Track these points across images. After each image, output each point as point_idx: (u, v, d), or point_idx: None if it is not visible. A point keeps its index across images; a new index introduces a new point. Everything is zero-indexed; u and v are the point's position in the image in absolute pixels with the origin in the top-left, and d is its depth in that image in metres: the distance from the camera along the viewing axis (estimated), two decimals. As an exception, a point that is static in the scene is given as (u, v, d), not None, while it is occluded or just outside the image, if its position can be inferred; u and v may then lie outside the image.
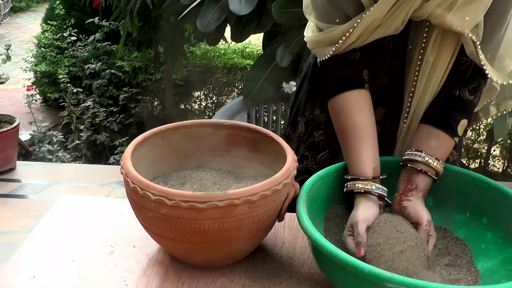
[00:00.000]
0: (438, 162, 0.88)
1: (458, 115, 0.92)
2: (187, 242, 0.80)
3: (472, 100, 0.93)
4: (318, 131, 1.11)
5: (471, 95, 0.92)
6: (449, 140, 0.91)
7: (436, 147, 0.90)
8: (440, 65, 0.92)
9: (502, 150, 3.86)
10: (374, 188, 0.86)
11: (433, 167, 0.88)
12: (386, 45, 0.96)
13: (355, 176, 0.88)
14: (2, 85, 4.37)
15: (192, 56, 4.61)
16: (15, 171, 2.85)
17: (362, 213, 0.84)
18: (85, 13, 4.38)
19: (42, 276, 0.84)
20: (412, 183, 0.88)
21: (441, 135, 0.91)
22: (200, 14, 2.11)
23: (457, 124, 0.91)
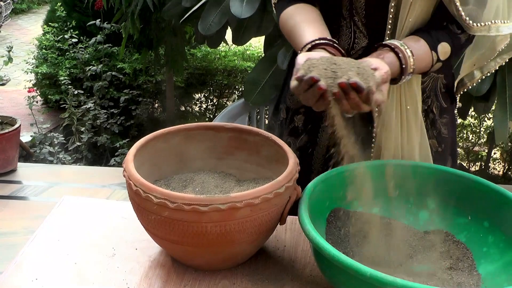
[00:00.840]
0: (411, 53, 0.86)
1: (441, 36, 0.90)
2: (189, 245, 0.80)
3: (459, 34, 0.91)
4: (297, 115, 1.11)
5: (458, 29, 0.91)
6: (427, 50, 0.89)
7: (416, 47, 0.87)
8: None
9: (503, 153, 3.86)
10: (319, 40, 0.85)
11: (403, 50, 0.85)
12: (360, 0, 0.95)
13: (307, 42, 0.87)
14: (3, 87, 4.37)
15: (192, 58, 4.62)
16: (16, 172, 2.85)
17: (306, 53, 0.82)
18: (86, 15, 4.39)
19: (44, 278, 0.84)
20: (380, 53, 0.86)
21: (421, 41, 0.89)
22: (202, 17, 2.11)
23: (438, 41, 0.89)
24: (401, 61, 0.86)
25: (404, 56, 0.86)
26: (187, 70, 4.50)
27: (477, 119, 4.04)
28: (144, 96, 4.29)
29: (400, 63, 0.86)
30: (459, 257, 0.86)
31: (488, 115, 3.46)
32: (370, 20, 0.96)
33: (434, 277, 0.80)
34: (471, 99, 2.26)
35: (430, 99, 1.03)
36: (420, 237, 0.90)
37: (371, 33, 0.97)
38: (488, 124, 4.03)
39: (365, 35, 0.98)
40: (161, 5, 2.73)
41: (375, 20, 0.95)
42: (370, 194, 0.92)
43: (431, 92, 1.02)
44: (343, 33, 1.00)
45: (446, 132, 1.06)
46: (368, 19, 0.96)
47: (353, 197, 0.92)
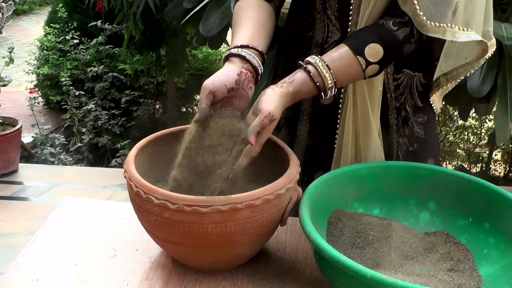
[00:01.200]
0: (326, 68, 0.84)
1: (370, 36, 0.87)
2: (189, 246, 0.80)
3: (394, 31, 0.87)
4: None
5: (394, 26, 0.87)
6: (351, 56, 0.86)
7: (335, 59, 0.86)
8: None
9: (504, 154, 3.86)
10: (235, 51, 0.86)
11: (318, 70, 0.84)
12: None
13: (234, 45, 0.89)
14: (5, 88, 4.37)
15: (194, 60, 4.63)
16: (17, 173, 2.86)
17: (211, 78, 0.83)
18: (88, 16, 4.40)
19: (45, 279, 0.84)
20: (291, 76, 0.85)
21: (343, 49, 0.87)
22: (203, 19, 2.11)
23: (365, 44, 0.87)
24: (314, 79, 0.84)
25: (318, 73, 0.84)
26: (188, 71, 4.51)
27: (478, 121, 4.04)
28: (145, 97, 4.30)
29: (313, 81, 0.84)
30: (459, 258, 0.86)
31: (489, 116, 3.46)
32: (342, 14, 0.96)
33: (435, 278, 0.80)
34: (472, 100, 2.26)
35: (403, 97, 1.01)
36: (421, 238, 0.90)
37: (343, 26, 0.97)
38: (489, 126, 4.03)
39: (338, 29, 0.97)
40: (162, 7, 2.74)
41: (347, 14, 0.95)
42: (371, 195, 0.92)
43: (405, 89, 1.01)
44: (317, 26, 1.00)
45: (422, 132, 1.05)
46: (340, 13, 0.96)
47: (354, 198, 0.93)
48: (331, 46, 0.98)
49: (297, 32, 1.04)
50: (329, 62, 0.85)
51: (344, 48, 0.87)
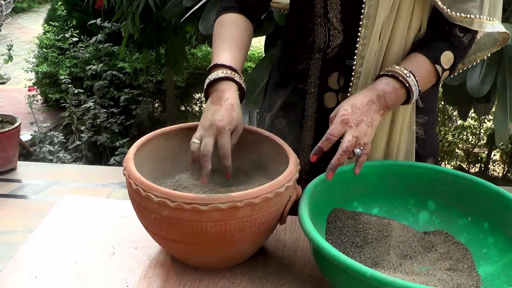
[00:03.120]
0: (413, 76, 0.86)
1: (442, 44, 0.89)
2: (189, 244, 0.80)
3: (462, 38, 0.90)
4: (278, 119, 1.10)
5: (460, 33, 0.90)
6: (429, 65, 0.88)
7: (415, 66, 0.87)
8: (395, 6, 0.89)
9: (503, 154, 3.86)
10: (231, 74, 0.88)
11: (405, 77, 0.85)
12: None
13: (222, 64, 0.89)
14: (4, 86, 4.37)
15: (193, 58, 4.62)
16: (15, 171, 2.85)
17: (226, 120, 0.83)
18: (87, 14, 4.39)
19: (43, 277, 0.84)
20: (372, 85, 0.87)
21: (420, 58, 0.88)
22: (202, 17, 2.11)
23: (440, 51, 0.89)
24: (408, 89, 0.86)
25: (407, 82, 0.86)
26: (188, 70, 4.51)
27: (477, 121, 4.04)
28: (144, 96, 4.30)
29: (407, 90, 0.86)
30: (458, 258, 0.86)
31: (488, 116, 3.46)
32: (346, 16, 0.95)
33: (434, 278, 0.80)
34: (472, 100, 2.26)
35: None
36: (420, 238, 0.90)
37: (346, 29, 0.96)
38: (488, 126, 4.04)
39: (340, 32, 0.97)
40: (162, 5, 2.73)
41: (351, 15, 0.94)
42: (370, 194, 0.92)
43: None
44: (318, 31, 0.99)
45: (422, 133, 1.05)
46: (344, 15, 0.95)
47: (353, 197, 0.92)
48: (334, 50, 0.98)
49: (298, 39, 1.04)
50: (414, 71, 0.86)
51: (421, 57, 0.89)
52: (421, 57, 0.89)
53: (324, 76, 1.01)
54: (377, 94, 0.85)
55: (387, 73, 0.87)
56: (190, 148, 0.82)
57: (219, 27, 0.99)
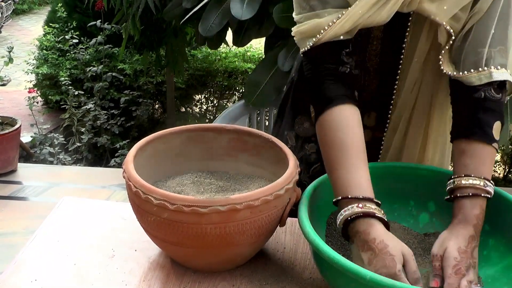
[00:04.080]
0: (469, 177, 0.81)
1: (489, 118, 0.84)
2: (188, 247, 0.80)
3: (500, 99, 0.85)
4: (309, 144, 1.10)
5: (497, 93, 0.84)
6: (489, 150, 0.83)
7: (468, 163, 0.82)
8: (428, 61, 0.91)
9: (503, 155, 3.86)
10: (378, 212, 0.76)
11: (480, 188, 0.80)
12: (374, 48, 0.95)
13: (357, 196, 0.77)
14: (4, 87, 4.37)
15: (193, 60, 4.62)
16: (16, 173, 2.85)
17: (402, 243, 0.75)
18: (87, 15, 4.39)
19: (43, 279, 0.84)
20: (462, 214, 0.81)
21: (478, 148, 0.83)
22: (202, 19, 2.11)
23: (491, 128, 0.83)
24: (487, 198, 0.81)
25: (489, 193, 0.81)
26: (188, 71, 4.51)
27: (478, 122, 4.03)
28: (145, 97, 4.29)
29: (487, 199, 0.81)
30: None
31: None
32: (383, 66, 0.96)
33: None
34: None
35: None
36: (420, 239, 0.89)
37: (382, 75, 0.97)
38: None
39: (376, 78, 0.98)
40: (162, 6, 2.74)
41: (388, 66, 0.96)
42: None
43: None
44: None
45: None
46: (382, 65, 0.96)
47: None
48: (371, 93, 0.98)
49: None
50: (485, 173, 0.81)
51: (478, 145, 0.83)
52: (482, 147, 0.83)
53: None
54: (473, 225, 0.79)
55: (468, 194, 0.80)
56: None
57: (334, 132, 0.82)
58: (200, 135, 0.99)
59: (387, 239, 0.74)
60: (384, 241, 0.73)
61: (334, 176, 0.81)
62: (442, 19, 0.84)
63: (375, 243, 0.73)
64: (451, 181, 0.84)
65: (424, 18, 0.88)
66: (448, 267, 0.76)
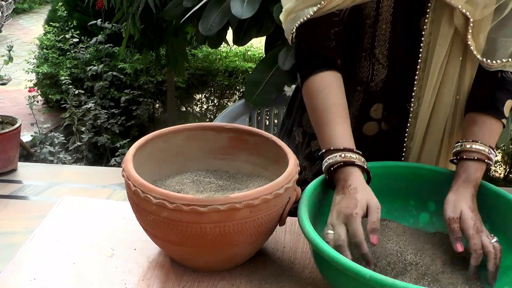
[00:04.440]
0: (476, 143, 0.87)
1: (503, 96, 0.91)
2: (188, 246, 0.80)
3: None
4: (314, 140, 1.10)
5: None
6: (495, 123, 0.90)
7: (476, 132, 0.89)
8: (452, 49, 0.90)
9: (504, 155, 3.85)
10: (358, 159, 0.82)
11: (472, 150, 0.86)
12: (383, 33, 0.94)
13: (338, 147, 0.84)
14: (4, 86, 4.38)
15: (193, 59, 4.62)
16: (16, 172, 2.85)
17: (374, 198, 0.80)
18: (88, 15, 4.40)
19: (42, 278, 0.83)
20: (455, 174, 0.87)
21: (488, 120, 0.90)
22: (202, 18, 2.11)
23: (503, 105, 0.90)
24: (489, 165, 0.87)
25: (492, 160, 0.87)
26: (188, 71, 4.50)
27: (478, 121, 4.02)
28: (145, 97, 4.29)
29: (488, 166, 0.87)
30: (459, 260, 0.86)
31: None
32: (393, 52, 0.95)
33: (434, 279, 0.79)
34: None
35: None
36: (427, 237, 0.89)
37: (391, 64, 0.96)
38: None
39: (385, 67, 0.97)
40: (162, 6, 2.73)
41: (398, 52, 0.95)
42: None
43: None
44: (362, 65, 0.98)
45: None
46: (391, 51, 0.95)
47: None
48: (378, 85, 0.98)
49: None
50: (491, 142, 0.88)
51: (488, 119, 0.90)
52: (492, 120, 0.90)
53: (365, 107, 1.02)
54: (473, 185, 0.86)
55: (473, 158, 0.87)
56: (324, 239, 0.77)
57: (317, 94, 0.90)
58: (200, 134, 0.99)
59: (360, 187, 0.80)
60: (356, 188, 0.80)
61: (320, 135, 0.89)
62: (457, 2, 0.85)
63: (349, 188, 0.80)
64: (458, 144, 0.89)
65: (443, 5, 0.88)
66: (468, 228, 0.81)
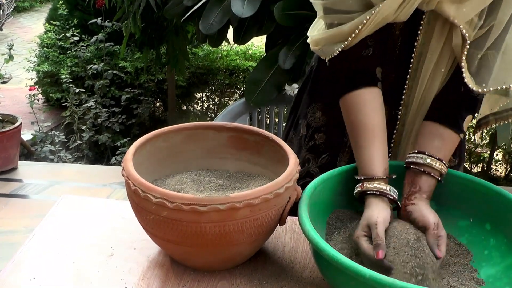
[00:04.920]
0: (440, 162, 0.87)
1: (463, 111, 0.91)
2: (188, 245, 0.79)
3: (478, 96, 0.91)
4: (318, 133, 1.10)
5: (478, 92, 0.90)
6: (454, 137, 0.91)
7: (439, 146, 0.89)
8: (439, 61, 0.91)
9: (505, 154, 3.85)
10: (388, 190, 0.84)
11: (435, 168, 0.87)
12: (396, 39, 0.95)
13: (367, 176, 0.86)
14: (5, 85, 4.37)
15: (194, 58, 4.61)
16: (16, 171, 2.85)
17: (380, 214, 0.81)
18: (88, 13, 4.39)
19: (42, 277, 0.83)
20: (415, 185, 0.88)
21: (446, 133, 0.90)
22: (203, 16, 2.11)
23: (463, 120, 0.91)
24: (437, 178, 0.88)
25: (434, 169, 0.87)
26: (189, 69, 4.50)
27: (479, 121, 4.02)
28: (146, 95, 4.29)
29: (437, 179, 0.88)
30: (460, 259, 0.86)
31: (490, 116, 3.44)
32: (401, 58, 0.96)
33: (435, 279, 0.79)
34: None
35: None
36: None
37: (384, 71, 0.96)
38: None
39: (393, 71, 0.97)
40: (163, 4, 2.73)
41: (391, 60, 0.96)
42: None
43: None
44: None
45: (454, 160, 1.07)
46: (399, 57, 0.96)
47: (354, 198, 0.92)
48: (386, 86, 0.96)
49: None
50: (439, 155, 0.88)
51: (446, 131, 0.90)
52: (450, 133, 0.90)
53: None
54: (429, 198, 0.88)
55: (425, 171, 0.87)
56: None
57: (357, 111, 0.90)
58: (200, 133, 0.98)
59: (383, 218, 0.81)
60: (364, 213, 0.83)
61: (358, 153, 0.90)
62: (459, 22, 0.84)
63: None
64: (419, 155, 0.89)
65: (436, 18, 0.88)
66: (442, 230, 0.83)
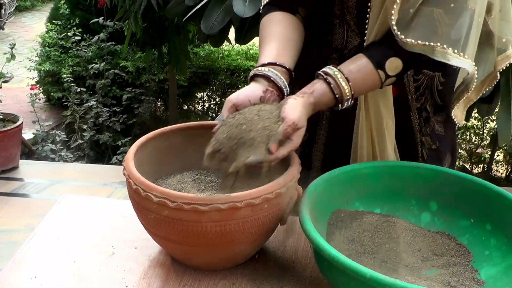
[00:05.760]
0: (346, 82, 0.85)
1: (391, 50, 0.87)
2: (188, 245, 0.80)
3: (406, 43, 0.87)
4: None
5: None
6: (371, 70, 0.87)
7: (353, 71, 0.87)
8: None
9: (506, 155, 3.85)
10: (262, 70, 0.87)
11: (338, 82, 0.85)
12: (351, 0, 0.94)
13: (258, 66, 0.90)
14: (6, 84, 4.38)
15: (195, 57, 4.62)
16: (17, 170, 2.86)
17: (240, 92, 0.85)
18: (90, 13, 4.40)
19: (43, 276, 0.83)
20: (310, 87, 0.86)
21: (364, 62, 0.87)
22: (204, 16, 2.11)
23: (386, 57, 0.87)
24: (333, 91, 0.86)
25: (337, 85, 0.86)
26: (190, 69, 4.50)
27: (480, 121, 4.03)
28: (147, 95, 4.30)
29: (333, 92, 0.86)
30: (460, 259, 0.86)
31: (492, 117, 3.44)
32: (362, 20, 0.95)
33: (435, 279, 0.79)
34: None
35: (424, 97, 1.01)
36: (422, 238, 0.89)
37: (363, 31, 0.96)
38: (491, 126, 4.02)
39: (358, 34, 0.97)
40: (164, 4, 2.73)
41: (366, 20, 0.94)
42: (372, 195, 0.91)
43: (425, 89, 1.01)
44: (336, 31, 0.99)
45: (442, 130, 1.05)
46: (359, 19, 0.95)
47: (355, 198, 0.92)
48: (351, 51, 0.97)
49: (315, 37, 1.03)
50: (348, 74, 0.86)
51: (364, 60, 0.88)
52: (363, 59, 0.88)
53: None
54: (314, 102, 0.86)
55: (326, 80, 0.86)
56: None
57: (262, 29, 0.99)
58: (201, 133, 0.98)
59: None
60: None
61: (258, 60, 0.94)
62: None
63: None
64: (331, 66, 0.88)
65: None
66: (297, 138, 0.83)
